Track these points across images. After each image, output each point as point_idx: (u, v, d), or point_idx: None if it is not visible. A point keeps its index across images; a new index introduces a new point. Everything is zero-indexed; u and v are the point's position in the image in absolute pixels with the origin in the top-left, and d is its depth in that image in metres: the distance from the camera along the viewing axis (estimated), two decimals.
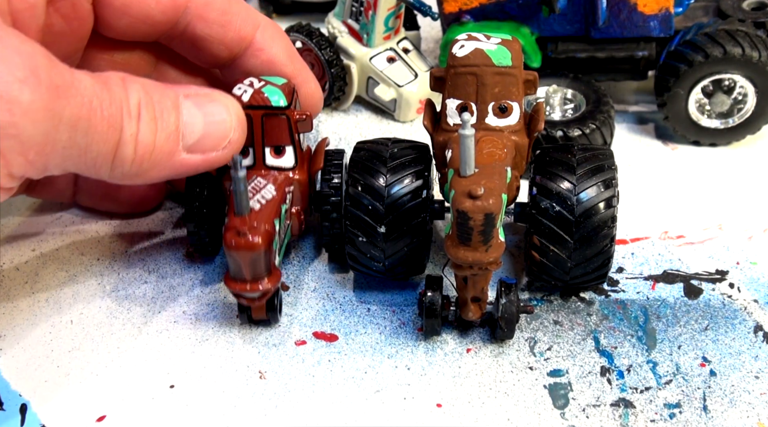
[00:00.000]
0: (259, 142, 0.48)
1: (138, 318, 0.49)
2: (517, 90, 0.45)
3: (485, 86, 0.44)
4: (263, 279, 0.44)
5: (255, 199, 0.46)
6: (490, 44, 0.45)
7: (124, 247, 0.54)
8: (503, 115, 0.45)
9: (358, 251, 0.47)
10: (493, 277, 0.46)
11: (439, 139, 0.46)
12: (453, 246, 0.40)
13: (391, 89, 0.64)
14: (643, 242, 0.54)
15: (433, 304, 0.45)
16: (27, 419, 0.44)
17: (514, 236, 0.54)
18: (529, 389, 0.45)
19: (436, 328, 0.46)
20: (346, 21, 0.65)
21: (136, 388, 0.45)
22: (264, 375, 0.46)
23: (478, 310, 0.45)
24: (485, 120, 0.45)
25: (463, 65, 0.44)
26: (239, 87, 0.48)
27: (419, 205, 0.46)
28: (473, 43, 0.45)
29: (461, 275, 0.42)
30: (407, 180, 0.46)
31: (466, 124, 0.38)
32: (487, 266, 0.41)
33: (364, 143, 0.49)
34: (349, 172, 0.47)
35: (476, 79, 0.44)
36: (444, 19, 0.65)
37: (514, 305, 0.44)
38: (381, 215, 0.46)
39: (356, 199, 0.46)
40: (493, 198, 0.38)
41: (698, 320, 0.48)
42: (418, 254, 0.47)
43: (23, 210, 0.58)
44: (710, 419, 0.43)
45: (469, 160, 0.40)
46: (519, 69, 0.45)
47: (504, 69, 0.44)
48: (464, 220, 0.39)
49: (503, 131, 0.45)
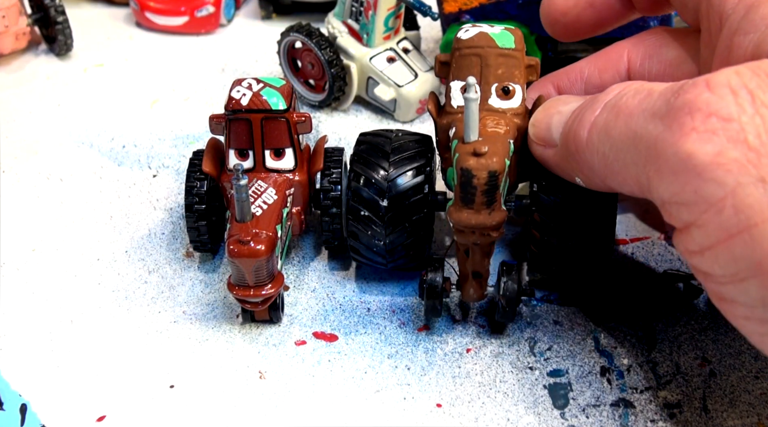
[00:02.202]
0: (259, 144, 0.48)
1: (138, 318, 0.49)
2: (520, 73, 0.45)
3: (489, 67, 0.45)
4: (266, 285, 0.44)
5: (256, 205, 0.46)
6: (494, 29, 0.46)
7: (124, 247, 0.54)
8: (506, 97, 0.45)
9: (360, 243, 0.47)
10: (495, 272, 0.46)
11: (443, 122, 0.46)
12: (456, 210, 0.40)
13: (391, 89, 0.64)
14: (643, 242, 0.54)
15: (434, 284, 0.45)
16: (27, 419, 0.44)
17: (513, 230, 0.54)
18: (529, 389, 0.45)
19: (437, 307, 0.46)
20: (346, 21, 0.65)
21: (136, 388, 0.45)
22: (264, 375, 0.46)
23: (479, 288, 0.45)
24: (488, 101, 0.45)
25: (468, 47, 0.45)
26: (237, 90, 0.48)
27: (421, 197, 0.46)
28: (477, 28, 0.46)
29: (463, 242, 0.42)
30: (410, 172, 0.46)
31: (471, 88, 0.38)
32: (490, 230, 0.41)
33: (366, 135, 0.49)
34: (351, 165, 0.47)
35: (480, 60, 0.45)
36: (444, 19, 0.65)
37: (515, 283, 0.44)
38: (383, 206, 0.46)
39: (358, 190, 0.46)
40: (497, 157, 0.39)
41: (698, 320, 0.48)
42: (420, 246, 0.47)
43: (23, 209, 0.58)
44: (710, 419, 0.43)
45: (473, 126, 0.40)
46: (522, 53, 0.45)
47: (507, 51, 0.45)
48: (468, 178, 0.39)
49: (506, 113, 0.45)
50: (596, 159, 0.38)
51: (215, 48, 0.77)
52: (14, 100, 0.70)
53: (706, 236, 0.32)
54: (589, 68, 0.48)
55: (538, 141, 0.43)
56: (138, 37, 0.80)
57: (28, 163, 0.62)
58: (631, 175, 0.35)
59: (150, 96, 0.70)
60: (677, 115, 0.32)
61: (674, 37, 0.46)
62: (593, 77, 0.48)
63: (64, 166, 0.62)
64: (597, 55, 0.49)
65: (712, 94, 0.32)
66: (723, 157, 0.31)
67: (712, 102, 0.32)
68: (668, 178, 0.33)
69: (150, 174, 0.61)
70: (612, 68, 0.47)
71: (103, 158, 0.63)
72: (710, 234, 0.32)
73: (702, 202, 0.31)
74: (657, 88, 0.35)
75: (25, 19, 0.74)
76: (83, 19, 0.81)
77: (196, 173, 0.49)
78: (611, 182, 0.38)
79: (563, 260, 0.46)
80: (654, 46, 0.46)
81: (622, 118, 0.36)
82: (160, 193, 0.59)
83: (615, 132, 0.36)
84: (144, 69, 0.74)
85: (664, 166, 0.33)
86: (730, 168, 0.31)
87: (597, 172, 0.38)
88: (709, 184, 0.31)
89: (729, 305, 0.34)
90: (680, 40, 0.46)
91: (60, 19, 0.72)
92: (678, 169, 0.32)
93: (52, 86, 0.72)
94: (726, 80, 0.32)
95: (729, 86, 0.32)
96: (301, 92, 0.68)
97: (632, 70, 0.47)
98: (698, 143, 0.31)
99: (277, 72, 0.71)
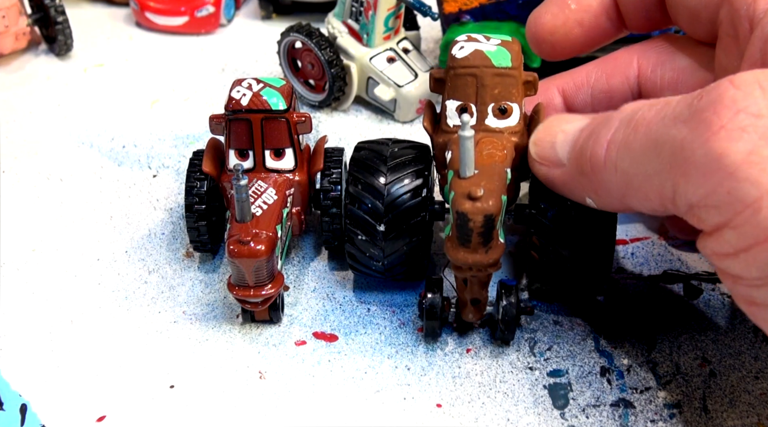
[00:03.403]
0: (259, 145, 0.48)
1: (138, 318, 0.49)
2: (517, 91, 0.45)
3: (485, 87, 0.44)
4: (266, 285, 0.44)
5: (256, 205, 0.46)
6: (489, 45, 0.45)
7: (124, 247, 0.54)
8: (503, 117, 0.45)
9: (357, 249, 0.47)
10: (494, 277, 0.46)
11: (439, 141, 0.46)
12: (453, 248, 0.40)
13: (391, 89, 0.64)
14: (643, 242, 0.54)
15: (434, 306, 0.45)
16: (27, 419, 0.44)
17: (513, 235, 0.54)
18: (529, 389, 0.45)
19: (437, 330, 0.46)
20: (346, 21, 0.65)
21: (136, 388, 0.45)
22: (264, 375, 0.46)
23: (477, 312, 0.45)
24: (485, 121, 0.45)
25: (463, 66, 0.44)
26: (237, 90, 0.48)
27: (419, 205, 0.46)
28: (473, 44, 0.45)
29: (461, 276, 0.42)
30: (407, 180, 0.46)
31: (466, 126, 0.38)
32: (487, 267, 0.41)
33: (364, 143, 0.49)
34: (349, 171, 0.47)
35: (476, 81, 0.44)
36: (444, 19, 0.65)
37: (513, 307, 0.44)
38: (380, 213, 0.46)
39: (356, 197, 0.46)
40: (492, 199, 0.38)
41: (698, 320, 0.48)
42: (418, 255, 0.47)
43: (23, 209, 0.58)
44: (710, 419, 0.43)
45: (469, 162, 0.40)
46: (519, 70, 0.45)
47: (503, 70, 0.44)
48: (464, 221, 0.39)
49: (503, 133, 0.45)
50: (615, 177, 0.36)
51: (215, 48, 0.77)
52: (14, 100, 0.70)
53: (740, 238, 0.31)
54: (596, 73, 0.47)
55: (541, 161, 0.42)
56: (138, 37, 0.80)
57: (28, 163, 0.62)
58: (654, 186, 0.34)
59: (150, 96, 0.70)
60: (703, 115, 0.31)
61: (685, 45, 0.45)
62: (600, 82, 0.47)
63: (64, 166, 0.62)
64: (604, 59, 0.48)
65: (738, 90, 0.31)
66: (756, 156, 0.30)
67: (739, 98, 0.31)
68: (698, 180, 0.32)
69: (150, 174, 0.61)
70: (620, 73, 0.46)
71: (103, 158, 0.63)
72: (746, 235, 0.31)
73: (736, 203, 0.31)
74: (674, 98, 0.34)
75: (25, 19, 0.74)
76: (83, 19, 0.82)
77: (196, 173, 0.49)
78: (630, 200, 0.37)
79: (563, 270, 0.46)
80: (666, 52, 0.45)
81: (642, 130, 0.35)
82: (160, 193, 0.59)
83: (636, 145, 0.35)
84: (144, 69, 0.74)
85: (692, 169, 0.32)
86: (764, 166, 0.30)
87: (614, 191, 0.37)
88: (743, 185, 0.30)
89: (759, 309, 0.33)
90: (691, 48, 0.45)
91: (60, 19, 0.72)
92: (708, 171, 0.31)
93: (52, 86, 0.72)
94: (753, 78, 0.31)
95: (758, 83, 0.31)
96: (301, 92, 0.68)
97: (643, 76, 0.46)
98: (729, 142, 0.30)
99: (277, 72, 0.71)
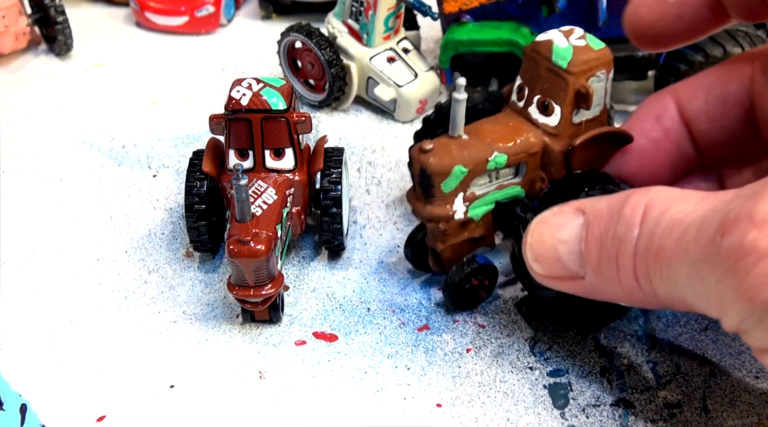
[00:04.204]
0: (259, 144, 0.48)
1: (138, 318, 0.49)
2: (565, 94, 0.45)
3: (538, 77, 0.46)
4: (266, 285, 0.44)
5: (256, 205, 0.46)
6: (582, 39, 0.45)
7: (124, 247, 0.54)
8: (545, 113, 0.46)
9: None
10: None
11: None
12: (412, 189, 0.46)
13: (391, 89, 0.64)
14: None
15: (413, 236, 0.50)
16: (27, 419, 0.44)
17: None
18: (529, 389, 0.45)
19: (408, 256, 0.50)
20: (346, 21, 0.65)
21: (136, 388, 0.45)
22: (264, 375, 0.46)
23: (435, 263, 0.49)
24: (529, 109, 0.46)
25: (532, 49, 0.46)
26: (237, 90, 0.48)
27: None
28: (558, 34, 0.45)
29: None
30: None
31: (460, 88, 0.42)
32: (425, 220, 0.46)
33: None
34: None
35: (535, 66, 0.46)
36: (444, 19, 0.65)
37: (457, 275, 0.47)
38: None
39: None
40: (436, 158, 0.43)
41: (698, 320, 0.48)
42: None
43: (23, 209, 0.58)
44: (710, 419, 0.43)
45: (459, 123, 0.44)
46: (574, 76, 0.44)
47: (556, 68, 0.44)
48: (409, 165, 0.44)
49: (539, 128, 0.46)
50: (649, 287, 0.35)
51: (215, 48, 0.77)
52: (14, 100, 0.70)
53: None
54: (709, 79, 0.46)
55: (554, 278, 0.39)
56: (138, 37, 0.80)
57: (28, 163, 0.62)
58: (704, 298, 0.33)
59: (150, 96, 0.70)
60: (729, 262, 0.30)
61: None
62: (715, 87, 0.45)
63: (64, 166, 0.62)
64: (719, 65, 0.46)
65: (761, 233, 0.29)
66: None
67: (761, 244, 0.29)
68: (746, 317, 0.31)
69: (150, 174, 0.61)
70: (737, 79, 0.45)
71: (103, 158, 0.63)
72: None
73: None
74: (685, 220, 0.33)
75: (25, 19, 0.74)
76: (83, 19, 0.82)
77: (196, 173, 0.49)
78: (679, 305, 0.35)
79: None
80: None
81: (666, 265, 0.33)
82: (160, 193, 0.59)
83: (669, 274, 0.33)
84: (144, 69, 0.74)
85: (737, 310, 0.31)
86: None
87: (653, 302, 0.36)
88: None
89: None
90: None
91: (60, 19, 0.73)
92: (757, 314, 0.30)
93: (52, 86, 0.72)
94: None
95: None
96: (301, 92, 0.68)
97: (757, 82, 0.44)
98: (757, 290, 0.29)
99: (277, 72, 0.71)
